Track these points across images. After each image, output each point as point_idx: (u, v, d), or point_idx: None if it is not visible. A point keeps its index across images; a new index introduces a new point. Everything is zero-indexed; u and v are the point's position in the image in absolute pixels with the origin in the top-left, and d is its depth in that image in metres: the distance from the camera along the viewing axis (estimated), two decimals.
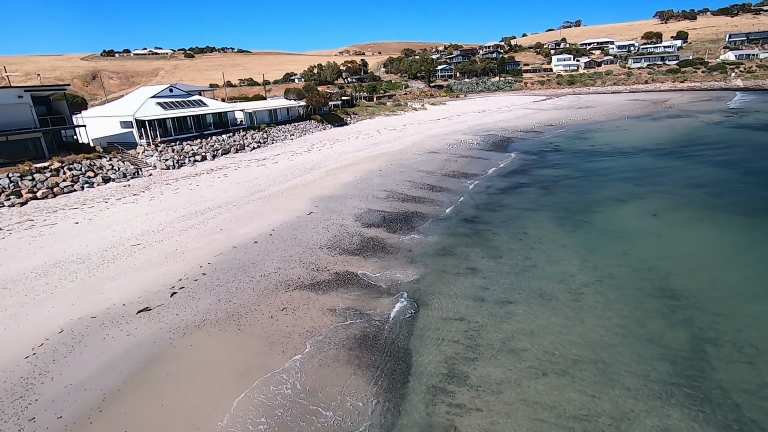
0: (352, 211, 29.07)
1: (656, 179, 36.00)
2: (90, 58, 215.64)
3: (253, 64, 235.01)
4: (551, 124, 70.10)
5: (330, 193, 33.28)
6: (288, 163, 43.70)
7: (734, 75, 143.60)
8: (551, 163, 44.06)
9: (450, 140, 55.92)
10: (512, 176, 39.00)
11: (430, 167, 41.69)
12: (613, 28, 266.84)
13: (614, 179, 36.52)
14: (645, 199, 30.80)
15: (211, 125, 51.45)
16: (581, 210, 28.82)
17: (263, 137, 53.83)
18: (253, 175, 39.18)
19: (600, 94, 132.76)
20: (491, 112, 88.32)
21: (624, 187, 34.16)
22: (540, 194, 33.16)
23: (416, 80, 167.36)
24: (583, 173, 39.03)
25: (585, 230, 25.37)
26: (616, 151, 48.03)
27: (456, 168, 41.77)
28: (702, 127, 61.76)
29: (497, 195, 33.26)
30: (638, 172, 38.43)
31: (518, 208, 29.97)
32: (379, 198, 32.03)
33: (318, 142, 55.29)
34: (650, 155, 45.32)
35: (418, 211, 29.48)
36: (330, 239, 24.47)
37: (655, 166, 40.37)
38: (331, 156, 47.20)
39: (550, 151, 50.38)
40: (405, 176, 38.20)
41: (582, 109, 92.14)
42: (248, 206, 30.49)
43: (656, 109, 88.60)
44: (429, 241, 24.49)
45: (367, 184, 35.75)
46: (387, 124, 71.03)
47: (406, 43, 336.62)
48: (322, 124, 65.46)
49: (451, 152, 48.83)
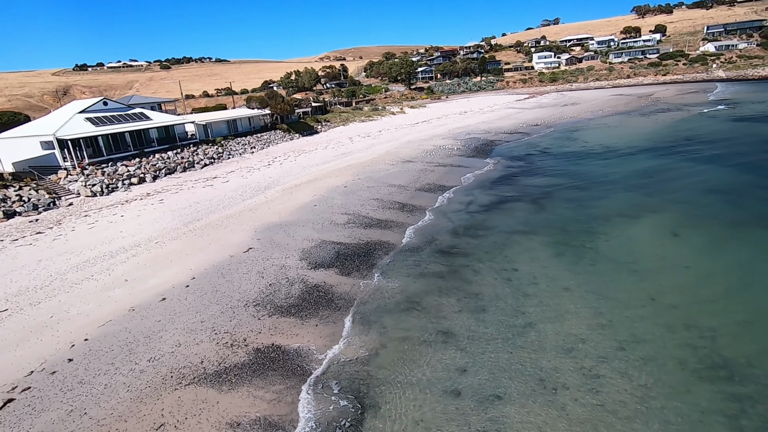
0: (301, 245, 23.05)
1: (664, 185, 30.53)
2: (61, 73, 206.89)
3: (231, 73, 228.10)
4: (536, 124, 64.77)
5: (280, 219, 27.22)
6: (240, 182, 37.51)
7: (716, 66, 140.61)
8: (540, 169, 38.48)
9: (428, 146, 50.17)
10: (497, 187, 33.29)
11: (403, 180, 35.83)
12: (592, 24, 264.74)
13: (616, 187, 30.99)
14: (657, 213, 25.23)
15: (155, 141, 44.96)
16: (582, 231, 23.13)
17: (218, 152, 47.43)
18: (195, 198, 32.95)
19: (583, 90, 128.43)
20: (473, 113, 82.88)
21: (629, 196, 28.62)
22: (530, 210, 27.44)
23: (396, 83, 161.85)
24: (579, 180, 33.47)
25: (591, 262, 19.64)
26: (611, 152, 42.65)
27: (432, 180, 35.96)
28: (697, 121, 56.85)
29: (480, 214, 27.48)
30: (642, 177, 32.97)
31: (505, 231, 24.19)
32: (337, 224, 26.04)
33: (281, 154, 49.12)
34: (650, 155, 39.99)
35: (382, 241, 23.56)
36: (262, 290, 18.41)
37: (659, 169, 34.97)
38: (293, 170, 41.11)
39: (538, 154, 44.86)
40: (372, 193, 32.28)
41: (567, 107, 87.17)
42: (174, 243, 24.28)
43: (643, 103, 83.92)
44: (391, 288, 18.53)
45: (326, 205, 29.75)
46: (361, 130, 65.10)
47: (387, 47, 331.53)
48: (288, 134, 59.23)
49: (429, 160, 43.05)
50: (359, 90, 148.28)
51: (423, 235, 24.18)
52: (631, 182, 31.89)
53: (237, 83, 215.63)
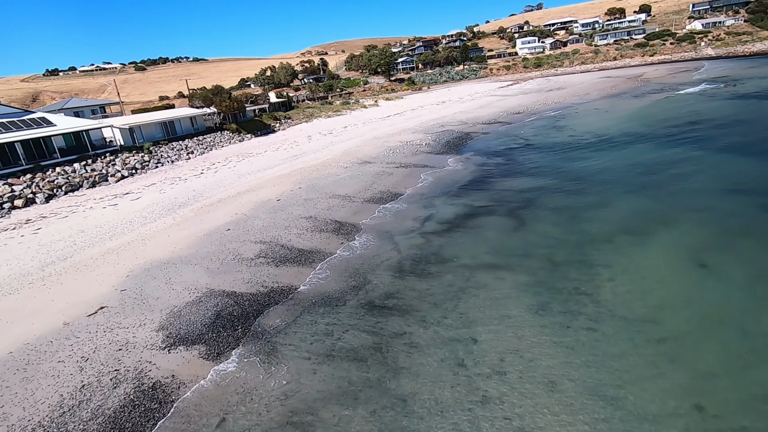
0: (175, 299, 15.85)
1: (674, 184, 23.56)
2: (31, 79, 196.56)
3: (209, 72, 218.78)
4: (519, 112, 57.58)
5: (172, 254, 19.95)
6: (154, 199, 30.11)
7: (704, 44, 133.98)
8: (521, 166, 31.39)
9: (393, 143, 42.88)
10: (466, 194, 26.17)
11: (351, 188, 28.60)
12: (575, 8, 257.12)
13: (614, 188, 23.98)
14: (672, 227, 18.25)
15: (57, 151, 37.04)
16: (575, 264, 16.09)
17: (143, 161, 39.74)
18: (83, 225, 25.53)
19: (569, 75, 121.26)
20: (451, 102, 75.48)
21: (632, 202, 21.62)
22: (505, 228, 20.36)
23: (377, 75, 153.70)
24: (568, 181, 26.41)
25: (589, 323, 12.57)
26: (604, 142, 35.62)
27: (388, 186, 28.75)
28: (697, 101, 49.93)
29: (437, 236, 20.37)
30: (644, 173, 25.99)
31: (467, 264, 17.09)
32: (242, 260, 18.83)
33: (222, 159, 41.63)
34: (650, 144, 33.02)
35: (292, 287, 16.41)
36: (58, 407, 11.22)
37: (664, 161, 28.00)
38: (225, 180, 33.72)
39: (519, 147, 37.72)
40: (307, 208, 25.05)
41: (552, 92, 80.00)
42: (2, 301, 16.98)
43: (633, 85, 76.92)
44: (265, 388, 11.38)
45: (242, 228, 22.51)
46: (324, 127, 57.61)
47: (370, 40, 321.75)
48: (238, 135, 51.58)
49: (390, 160, 35.80)
50: (337, 84, 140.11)
51: (353, 275, 17.05)
52: (632, 181, 24.89)
53: (214, 82, 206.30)
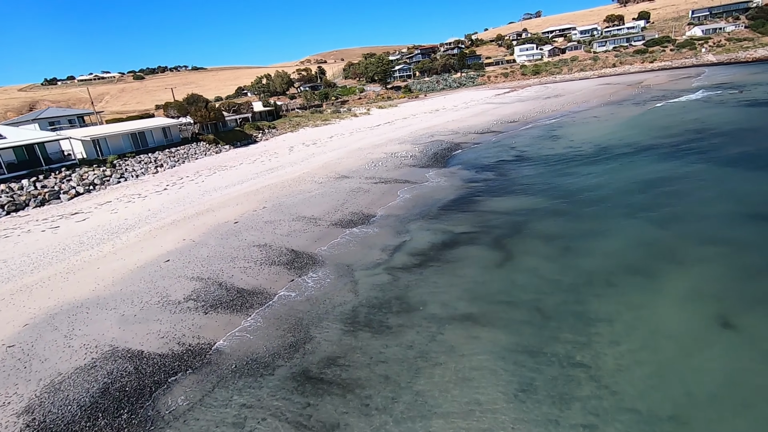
0: (55, 370, 12.47)
1: (683, 206, 20.16)
2: (29, 89, 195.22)
3: (207, 81, 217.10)
4: (514, 120, 54.34)
5: (83, 296, 16.59)
6: (102, 220, 26.85)
7: (705, 50, 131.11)
8: (511, 183, 28.04)
9: (377, 155, 39.64)
10: (447, 217, 22.81)
11: (320, 208, 25.29)
12: (574, 15, 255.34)
13: (614, 211, 20.58)
14: (684, 266, 14.83)
15: (4, 167, 33.41)
16: (568, 316, 12.66)
17: (103, 176, 36.52)
18: (6, 255, 22.23)
19: (568, 82, 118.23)
20: (445, 110, 72.36)
21: (635, 229, 18.21)
22: (487, 263, 16.98)
23: (374, 83, 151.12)
24: (562, 200, 23.03)
25: (587, 419, 9.13)
26: (603, 154, 32.26)
27: (361, 205, 25.42)
28: (702, 108, 46.61)
29: (407, 271, 17.00)
30: (648, 192, 22.60)
31: (436, 315, 13.69)
32: (167, 304, 15.47)
33: (191, 173, 38.44)
34: (654, 156, 29.65)
35: (213, 344, 13.06)
36: None
37: (670, 177, 24.62)
38: (189, 197, 30.47)
39: (512, 160, 34.39)
40: (265, 233, 21.72)
41: (550, 99, 76.85)
42: None
43: (634, 91, 73.73)
44: None
45: (182, 260, 19.18)
46: (309, 137, 54.49)
47: (369, 48, 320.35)
48: (215, 146, 48.41)
49: (369, 174, 32.51)
50: (332, 92, 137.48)
51: (293, 327, 13.68)
52: (635, 201, 21.49)
53: (212, 91, 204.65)
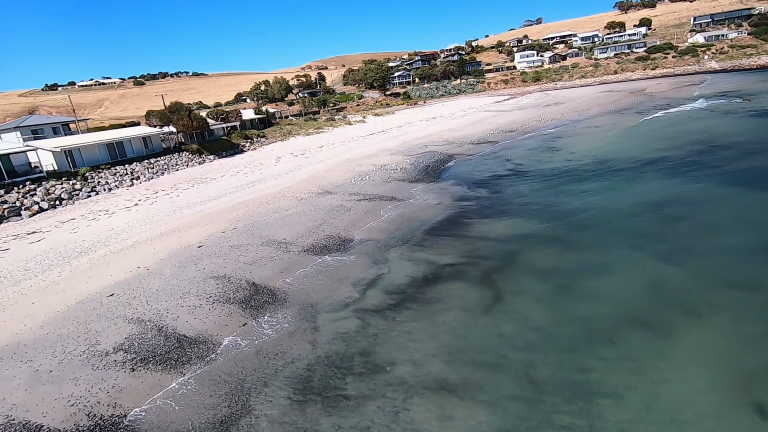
0: None
1: (698, 237, 17.59)
2: (29, 94, 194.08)
3: (207, 87, 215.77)
4: (512, 130, 51.91)
5: (1, 340, 14.20)
6: (58, 241, 24.45)
7: (707, 57, 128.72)
8: (505, 202, 25.54)
9: (366, 167, 37.24)
10: (432, 243, 20.31)
11: (295, 229, 22.84)
12: (575, 22, 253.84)
13: (618, 242, 18.01)
14: (704, 319, 12.25)
15: None
16: (565, 387, 10.07)
17: (73, 189, 34.14)
18: None
19: (569, 89, 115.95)
20: (442, 118, 70.03)
21: (643, 267, 15.65)
22: (472, 307, 14.45)
23: (373, 89, 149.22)
24: (560, 227, 20.48)
25: None
26: (605, 169, 29.74)
27: (340, 227, 22.95)
28: (710, 118, 44.10)
29: (378, 315, 14.49)
30: (655, 217, 20.03)
31: (404, 380, 11.12)
32: (93, 355, 13.00)
33: (168, 186, 36.08)
34: (660, 172, 27.11)
35: (124, 417, 10.56)
36: None
37: (682, 198, 22.08)
38: (158, 214, 28.06)
39: (507, 174, 31.90)
40: (229, 260, 19.26)
41: (550, 107, 74.48)
42: None
43: (636, 99, 71.29)
44: None
45: (128, 295, 16.74)
46: (299, 147, 52.19)
47: (370, 54, 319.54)
48: (198, 156, 46.10)
49: (355, 189, 30.07)
50: (331, 98, 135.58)
51: (231, 393, 11.16)
52: (639, 227, 18.95)
53: (212, 97, 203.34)
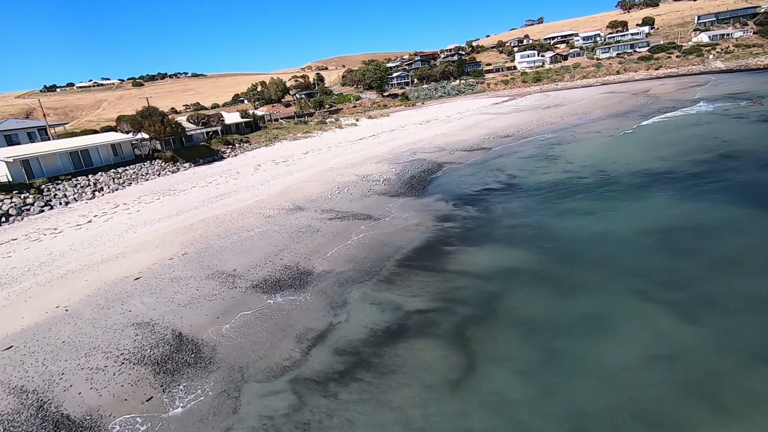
0: None
1: (717, 278, 14.36)
2: (27, 95, 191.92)
3: (206, 87, 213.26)
4: (508, 135, 48.61)
5: None
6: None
7: (712, 57, 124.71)
8: (492, 225, 22.33)
9: (347, 177, 34.11)
10: (403, 278, 17.14)
11: (251, 256, 19.74)
12: (576, 21, 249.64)
13: (620, 283, 14.77)
14: (737, 419, 9.09)
15: None
16: None
17: (24, 204, 30.93)
18: None
19: (570, 90, 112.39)
20: (437, 122, 66.77)
21: (651, 323, 12.44)
22: (438, 381, 11.27)
23: (371, 91, 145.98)
24: (552, 259, 17.25)
25: None
26: (607, 183, 26.47)
27: (302, 253, 19.81)
28: (720, 123, 40.70)
29: (320, 390, 11.33)
30: (666, 250, 16.78)
31: None
32: None
33: (131, 200, 33.03)
34: (670, 188, 23.84)
35: None
36: None
37: (695, 222, 18.82)
38: (108, 234, 25.02)
39: (498, 188, 28.66)
40: (163, 299, 16.19)
41: (550, 109, 71.09)
42: None
43: (639, 101, 67.82)
44: None
45: (21, 353, 13.70)
46: (283, 153, 49.12)
47: (371, 55, 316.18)
48: (173, 164, 43.02)
49: (329, 205, 26.95)
50: (328, 99, 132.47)
51: None
52: (646, 265, 15.71)
53: (210, 98, 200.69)
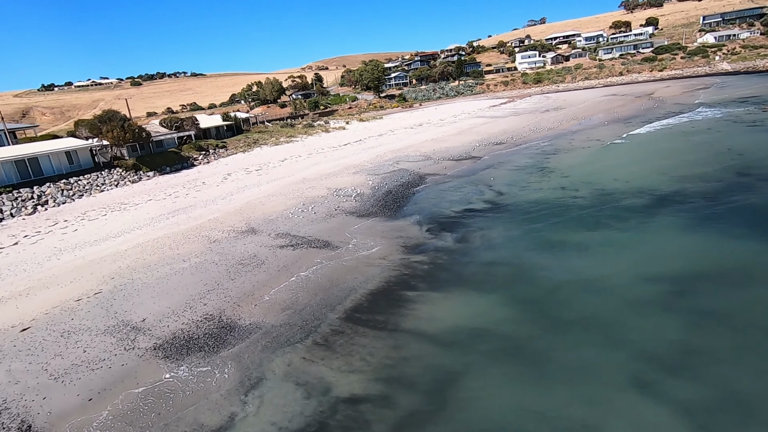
0: None
1: (758, 357, 10.46)
2: (24, 95, 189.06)
3: (205, 87, 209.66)
4: (501, 142, 44.57)
5: None
6: None
7: (718, 58, 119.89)
8: (470, 258, 18.40)
9: (319, 190, 30.24)
10: (345, 339, 13.26)
11: (171, 299, 15.93)
12: (579, 22, 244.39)
13: (620, 378, 10.87)
14: None
15: None
16: None
17: None
18: None
19: (571, 91, 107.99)
20: (429, 125, 62.77)
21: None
22: None
23: (368, 91, 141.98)
24: (529, 323, 13.31)
25: None
26: (606, 206, 22.49)
27: (230, 299, 15.97)
28: (733, 131, 36.55)
29: None
30: (682, 316, 12.80)
31: None
32: None
33: (76, 215, 29.21)
34: (680, 217, 19.83)
35: None
36: None
37: (713, 265, 14.85)
38: (25, 262, 21.28)
39: (481, 210, 24.70)
40: (37, 366, 12.42)
41: (549, 113, 66.95)
42: None
43: (643, 105, 63.58)
44: None
45: None
46: (259, 160, 45.23)
47: (372, 55, 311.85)
48: (134, 173, 39.19)
49: (286, 228, 23.08)
50: (323, 100, 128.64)
51: None
52: (655, 339, 11.72)
53: (208, 98, 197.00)
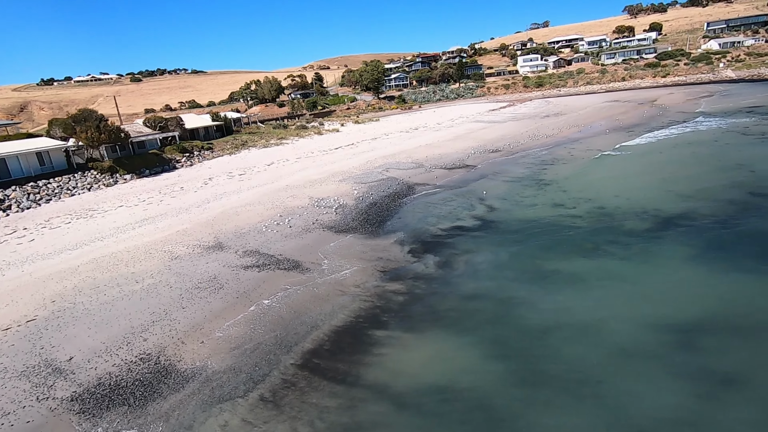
0: None
1: None
2: (23, 89, 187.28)
3: (205, 85, 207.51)
4: (497, 149, 42.40)
5: None
6: None
7: (723, 65, 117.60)
8: (451, 289, 16.27)
9: (300, 200, 28.11)
10: (296, 393, 11.13)
11: (111, 330, 13.78)
12: (582, 26, 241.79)
13: None
14: None
15: None
16: None
17: None
18: None
19: (572, 96, 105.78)
20: (425, 129, 60.59)
21: None
22: None
23: (368, 92, 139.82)
24: (516, 378, 11.20)
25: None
26: (605, 228, 20.33)
27: (175, 333, 13.83)
28: (744, 144, 34.33)
29: None
30: (695, 382, 10.66)
31: None
32: None
33: (36, 223, 27.07)
34: (689, 245, 17.67)
35: None
36: None
37: (728, 311, 12.69)
38: None
39: (469, 228, 22.53)
40: None
41: (549, 118, 64.74)
42: None
43: (647, 112, 61.38)
44: None
45: None
46: (244, 164, 43.08)
47: (374, 55, 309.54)
48: (109, 176, 37.03)
49: (257, 244, 20.97)
50: (322, 100, 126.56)
51: None
52: (671, 417, 9.67)
53: (208, 95, 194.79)
